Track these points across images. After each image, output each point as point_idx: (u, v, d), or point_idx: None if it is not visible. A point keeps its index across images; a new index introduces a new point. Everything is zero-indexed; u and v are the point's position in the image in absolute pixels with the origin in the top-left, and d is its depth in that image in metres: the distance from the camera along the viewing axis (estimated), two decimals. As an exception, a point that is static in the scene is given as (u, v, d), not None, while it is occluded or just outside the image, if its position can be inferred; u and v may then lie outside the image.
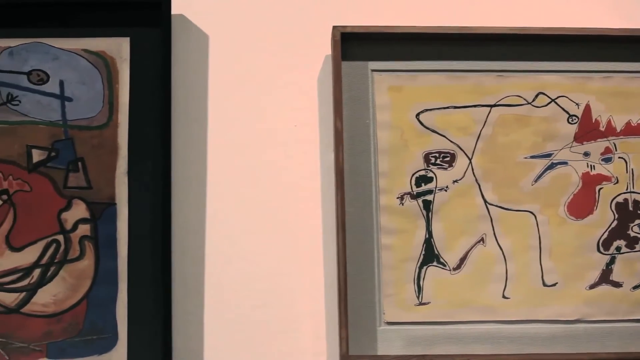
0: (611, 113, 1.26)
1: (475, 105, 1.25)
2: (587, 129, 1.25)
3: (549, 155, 1.24)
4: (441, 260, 1.21)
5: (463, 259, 1.22)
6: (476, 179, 1.23)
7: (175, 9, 1.24)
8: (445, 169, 1.23)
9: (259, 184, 1.23)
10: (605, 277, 1.22)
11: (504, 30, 1.25)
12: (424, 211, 1.22)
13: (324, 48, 1.27)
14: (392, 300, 1.20)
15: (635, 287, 1.22)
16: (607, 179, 1.24)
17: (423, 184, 1.23)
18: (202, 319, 1.19)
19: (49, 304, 1.17)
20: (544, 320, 1.21)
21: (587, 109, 1.26)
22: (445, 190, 1.23)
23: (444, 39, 1.25)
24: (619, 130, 1.25)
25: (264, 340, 1.19)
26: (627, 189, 1.24)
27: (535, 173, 1.24)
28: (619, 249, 1.23)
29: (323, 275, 1.21)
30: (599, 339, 1.21)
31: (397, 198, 1.22)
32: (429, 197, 1.23)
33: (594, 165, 1.25)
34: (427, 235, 1.22)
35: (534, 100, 1.25)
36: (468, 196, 1.23)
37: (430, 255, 1.21)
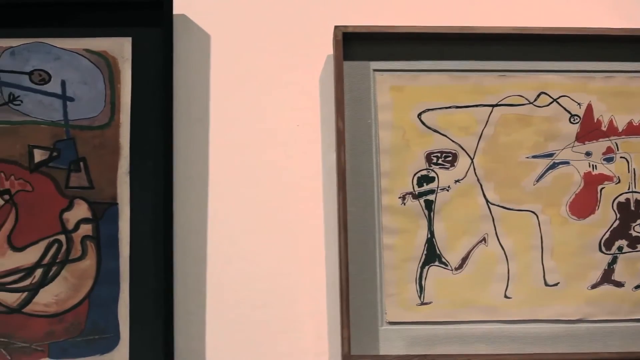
0: (613, 113, 1.26)
1: (477, 105, 1.25)
2: (589, 128, 1.25)
3: (550, 155, 1.24)
4: (443, 260, 1.21)
5: (465, 259, 1.22)
6: (478, 179, 1.23)
7: (177, 9, 1.24)
8: (447, 168, 1.23)
9: (260, 184, 1.23)
10: (607, 277, 1.22)
11: (505, 30, 1.25)
12: (426, 211, 1.22)
13: (326, 48, 1.27)
14: (394, 300, 1.20)
15: (637, 287, 1.22)
16: (609, 178, 1.24)
17: (425, 184, 1.23)
18: (204, 319, 1.19)
19: (50, 304, 1.17)
20: (546, 320, 1.21)
21: (589, 109, 1.25)
22: (447, 190, 1.23)
23: (445, 38, 1.25)
24: (620, 130, 1.25)
25: (266, 340, 1.19)
26: (629, 189, 1.24)
27: (537, 173, 1.24)
28: (620, 248, 1.23)
29: (325, 275, 1.21)
30: (600, 338, 1.21)
31: (399, 198, 1.22)
32: (431, 197, 1.23)
33: (596, 165, 1.25)
34: (429, 235, 1.22)
35: (535, 100, 1.25)
36: (470, 196, 1.23)
37: (432, 255, 1.21)
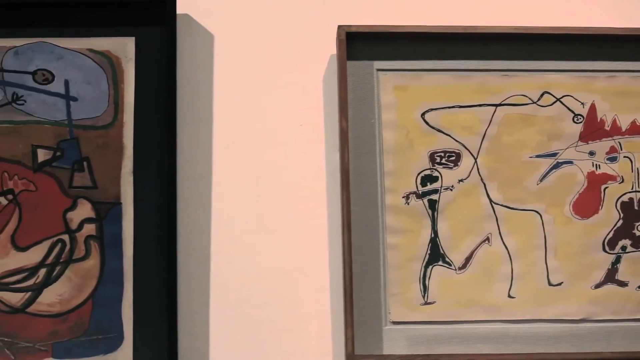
0: (616, 112, 1.26)
1: (481, 105, 1.25)
2: (593, 128, 1.25)
3: (554, 154, 1.24)
4: (447, 259, 1.21)
5: (468, 259, 1.22)
6: (481, 179, 1.23)
7: (180, 9, 1.24)
8: (451, 168, 1.23)
9: (264, 183, 1.23)
10: (610, 277, 1.22)
11: (509, 29, 1.24)
12: (430, 210, 1.22)
13: (329, 48, 1.27)
14: (398, 299, 1.20)
15: (640, 287, 1.23)
16: (613, 178, 1.24)
17: (428, 184, 1.23)
18: (208, 319, 1.19)
19: (54, 304, 1.17)
20: (549, 320, 1.21)
21: (592, 108, 1.25)
22: (451, 190, 1.23)
23: (449, 38, 1.25)
24: (624, 129, 1.25)
25: (270, 340, 1.19)
26: (633, 188, 1.24)
27: (541, 172, 1.24)
28: (624, 248, 1.23)
29: (328, 275, 1.21)
30: (604, 338, 1.21)
31: (403, 197, 1.22)
32: (435, 197, 1.23)
33: (599, 165, 1.25)
34: (433, 235, 1.22)
35: (539, 99, 1.25)
36: (473, 195, 1.23)
37: (435, 254, 1.21)
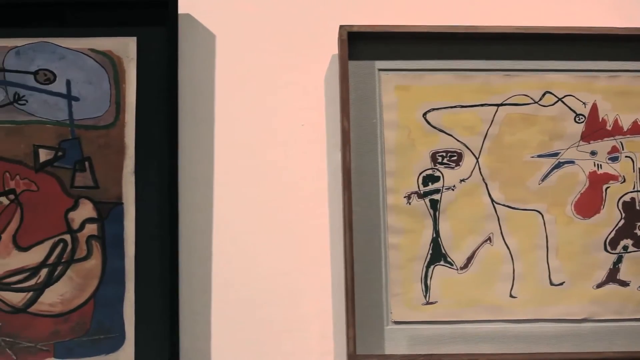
0: (618, 112, 1.26)
1: (482, 105, 1.25)
2: (594, 128, 1.25)
3: (555, 154, 1.24)
4: (448, 259, 1.21)
5: (470, 258, 1.22)
6: (483, 178, 1.23)
7: (182, 9, 1.24)
8: (452, 168, 1.23)
9: (265, 183, 1.23)
10: (612, 276, 1.22)
11: (510, 29, 1.24)
12: (431, 210, 1.22)
13: (331, 47, 1.26)
14: (400, 299, 1.20)
15: (642, 286, 1.23)
16: (614, 178, 1.24)
17: (430, 183, 1.23)
18: (209, 319, 1.19)
19: (56, 304, 1.17)
20: (551, 320, 1.21)
21: (594, 108, 1.25)
22: (452, 190, 1.23)
23: (450, 38, 1.25)
24: (625, 129, 1.25)
25: (271, 340, 1.19)
26: (634, 188, 1.24)
27: (542, 172, 1.24)
28: (626, 248, 1.23)
29: (330, 275, 1.21)
30: (605, 338, 1.21)
31: (404, 197, 1.22)
32: (436, 197, 1.23)
33: (601, 164, 1.25)
34: (434, 235, 1.22)
35: (540, 99, 1.25)
36: (475, 195, 1.23)
37: (437, 254, 1.21)
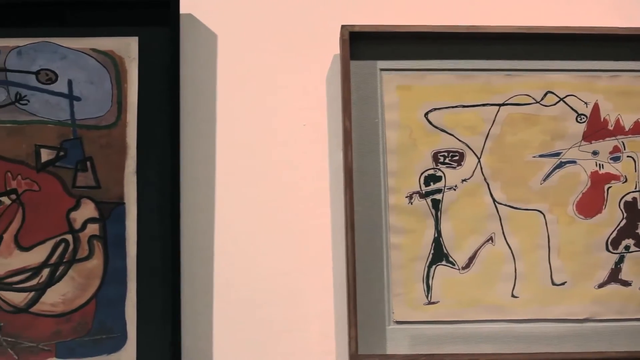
0: (619, 112, 1.26)
1: (484, 105, 1.25)
2: (596, 127, 1.25)
3: (557, 154, 1.24)
4: (450, 259, 1.21)
5: (472, 258, 1.21)
6: (485, 178, 1.23)
7: (183, 9, 1.24)
8: (454, 168, 1.23)
9: (267, 183, 1.23)
10: (614, 276, 1.22)
11: (512, 29, 1.24)
12: (433, 210, 1.22)
13: (333, 47, 1.26)
14: (401, 299, 1.20)
15: (644, 286, 1.23)
16: (616, 177, 1.24)
17: (432, 183, 1.23)
18: (211, 319, 1.19)
19: (57, 304, 1.17)
20: (553, 319, 1.21)
21: (596, 108, 1.25)
22: (454, 190, 1.23)
23: (452, 38, 1.25)
24: (627, 129, 1.25)
25: (273, 340, 1.19)
26: (636, 188, 1.24)
27: (544, 172, 1.24)
28: (627, 247, 1.23)
29: (332, 275, 1.21)
30: (607, 337, 1.21)
31: (406, 197, 1.22)
32: (438, 197, 1.23)
33: (603, 164, 1.24)
34: (436, 235, 1.22)
35: (542, 99, 1.25)
36: (477, 195, 1.23)
37: (439, 254, 1.21)
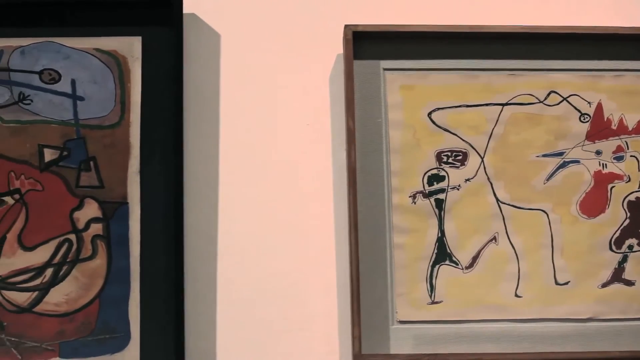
0: (623, 111, 1.26)
1: (487, 104, 1.25)
2: (599, 127, 1.25)
3: (560, 153, 1.24)
4: (453, 259, 1.21)
5: (475, 258, 1.21)
6: (488, 178, 1.23)
7: (186, 8, 1.24)
8: (458, 167, 1.23)
9: (270, 183, 1.23)
10: (617, 276, 1.22)
11: (515, 29, 1.24)
12: (436, 210, 1.22)
13: (336, 47, 1.26)
14: (405, 299, 1.20)
15: (647, 286, 1.23)
16: (619, 177, 1.24)
17: (435, 183, 1.23)
18: (215, 318, 1.19)
19: (61, 303, 1.17)
20: (556, 319, 1.21)
21: (599, 108, 1.25)
22: (458, 189, 1.23)
23: (455, 37, 1.25)
24: (630, 128, 1.25)
25: (277, 340, 1.19)
26: (639, 188, 1.24)
27: (547, 172, 1.24)
28: (631, 247, 1.23)
29: (335, 274, 1.21)
30: (610, 337, 1.21)
31: (410, 197, 1.22)
32: (441, 196, 1.22)
33: (606, 164, 1.24)
34: (440, 234, 1.22)
35: (545, 98, 1.25)
36: (480, 195, 1.23)
37: (442, 254, 1.21)
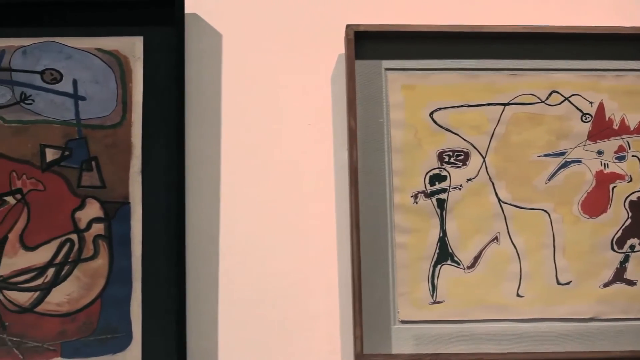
0: (624, 111, 1.26)
1: (489, 104, 1.25)
2: (601, 127, 1.25)
3: (562, 153, 1.24)
4: (455, 258, 1.21)
5: (477, 258, 1.21)
6: (490, 178, 1.23)
7: (188, 8, 1.24)
8: (459, 167, 1.23)
9: (272, 182, 1.23)
10: (619, 276, 1.22)
11: (517, 28, 1.24)
12: (438, 210, 1.22)
13: (338, 47, 1.26)
14: (406, 299, 1.20)
15: (649, 285, 1.23)
16: (621, 177, 1.24)
17: (437, 183, 1.23)
18: (216, 318, 1.19)
19: (63, 303, 1.17)
20: (558, 319, 1.21)
21: (601, 107, 1.25)
22: (459, 189, 1.23)
23: (457, 37, 1.25)
24: (632, 128, 1.25)
25: (278, 339, 1.19)
26: (641, 187, 1.25)
27: (549, 171, 1.24)
28: (632, 247, 1.23)
29: (337, 274, 1.21)
30: (612, 337, 1.21)
31: (411, 197, 1.22)
32: (443, 196, 1.22)
33: (608, 164, 1.24)
34: (441, 234, 1.22)
35: (547, 98, 1.25)
36: (482, 195, 1.23)
37: (444, 253, 1.21)
